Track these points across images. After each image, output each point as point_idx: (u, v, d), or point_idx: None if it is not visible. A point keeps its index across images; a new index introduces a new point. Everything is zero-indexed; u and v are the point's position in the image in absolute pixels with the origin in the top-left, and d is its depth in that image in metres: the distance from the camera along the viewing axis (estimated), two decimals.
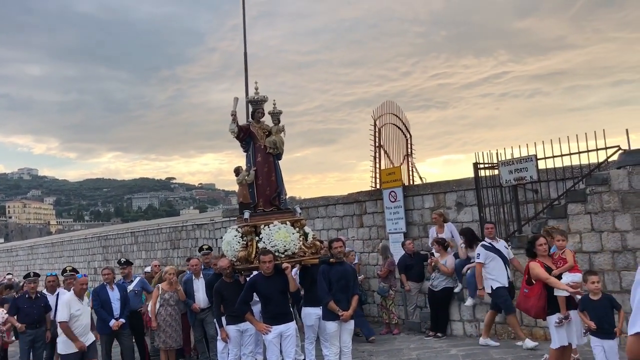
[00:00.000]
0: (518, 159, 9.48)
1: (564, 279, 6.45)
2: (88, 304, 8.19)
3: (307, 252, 7.76)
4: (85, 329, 7.92)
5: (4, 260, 36.96)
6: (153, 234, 22.00)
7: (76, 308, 7.76)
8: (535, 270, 6.47)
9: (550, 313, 6.42)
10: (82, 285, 7.99)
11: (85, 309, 7.97)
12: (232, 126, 8.07)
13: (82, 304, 7.87)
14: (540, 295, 6.43)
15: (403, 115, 13.57)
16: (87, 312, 8.03)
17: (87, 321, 7.98)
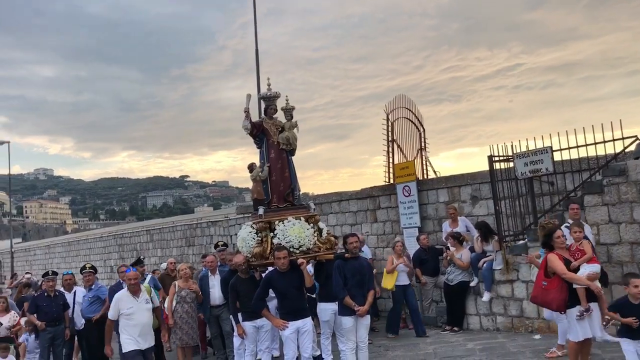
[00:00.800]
0: (533, 151, 9.39)
1: (582, 270, 6.39)
2: (147, 301, 7.28)
3: (321, 248, 7.76)
4: (144, 328, 7.10)
5: (22, 260, 37.44)
6: (168, 232, 22.13)
7: (128, 306, 7.03)
8: (554, 264, 6.38)
9: (571, 305, 6.32)
10: (131, 281, 7.16)
11: (141, 306, 7.14)
12: (245, 123, 8.08)
13: (136, 301, 7.10)
14: (561, 288, 6.33)
15: (416, 109, 13.49)
16: (143, 310, 7.15)
17: (143, 320, 7.11)
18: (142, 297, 7.20)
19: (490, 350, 8.17)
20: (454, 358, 8.06)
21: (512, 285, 9.31)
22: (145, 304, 7.21)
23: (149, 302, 7.29)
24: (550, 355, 7.55)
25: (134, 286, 7.17)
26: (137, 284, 7.23)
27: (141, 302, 7.16)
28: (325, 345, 8.04)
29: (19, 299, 11.54)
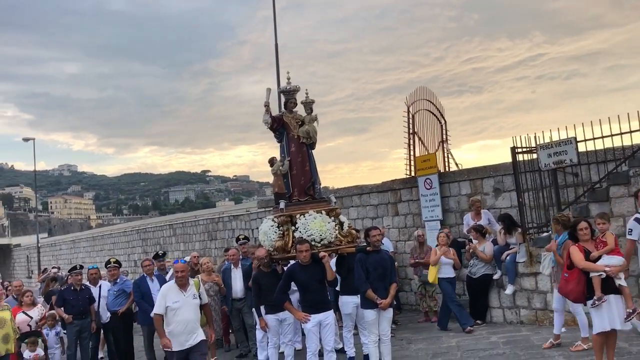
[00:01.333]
0: (557, 142, 9.26)
1: (601, 261, 6.30)
2: (195, 296, 6.74)
3: (343, 241, 7.76)
4: (189, 325, 6.57)
5: (49, 254, 38.13)
6: (190, 226, 22.35)
7: (174, 300, 6.54)
8: (573, 255, 6.38)
9: (589, 297, 6.27)
10: (178, 273, 6.66)
11: (188, 301, 6.61)
12: (266, 117, 8.11)
13: (183, 295, 6.59)
14: (579, 280, 6.34)
15: (437, 101, 13.38)
16: (189, 305, 6.63)
17: (189, 316, 6.58)
18: (190, 292, 6.65)
19: (514, 343, 8.11)
20: (477, 351, 8.02)
21: (535, 277, 9.21)
22: (192, 299, 6.66)
23: (196, 298, 6.73)
24: (576, 348, 7.46)
25: (181, 279, 6.62)
26: (185, 277, 6.69)
27: (188, 296, 6.62)
28: (347, 338, 8.07)
29: (47, 293, 11.77)
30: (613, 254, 6.35)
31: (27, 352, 8.26)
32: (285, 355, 7.79)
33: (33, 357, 8.26)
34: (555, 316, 7.86)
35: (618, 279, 6.20)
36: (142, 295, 9.03)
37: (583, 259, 6.29)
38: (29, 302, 8.95)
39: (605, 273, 6.14)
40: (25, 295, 8.98)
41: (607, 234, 6.56)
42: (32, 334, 8.49)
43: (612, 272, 6.14)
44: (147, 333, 9.15)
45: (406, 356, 8.20)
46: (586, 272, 6.30)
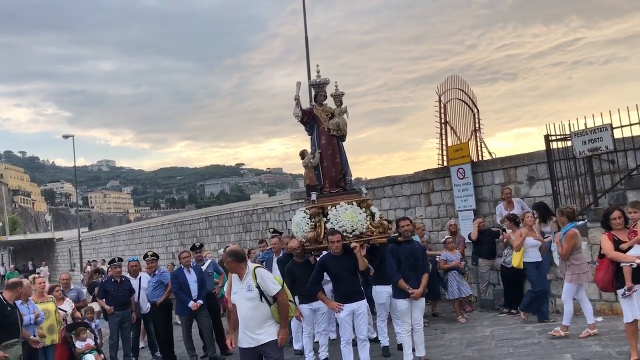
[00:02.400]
0: (592, 129, 9.10)
1: (632, 251, 6.23)
2: (249, 287, 5.51)
3: (374, 232, 7.83)
4: (245, 321, 5.57)
5: (90, 248, 39.20)
6: (226, 219, 22.69)
7: (233, 290, 5.70)
8: (602, 244, 6.40)
9: (619, 287, 6.27)
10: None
11: (242, 293, 5.55)
12: (296, 110, 8.21)
13: (239, 286, 5.63)
14: (607, 269, 6.35)
15: (469, 90, 13.25)
16: (242, 299, 5.56)
17: (242, 311, 5.56)
18: (245, 282, 5.54)
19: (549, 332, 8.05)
20: (512, 340, 8.00)
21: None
22: (246, 291, 5.50)
23: (251, 290, 5.47)
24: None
25: (232, 265, 5.62)
26: (235, 264, 5.58)
27: (243, 287, 5.54)
28: (381, 327, 8.15)
29: (91, 285, 12.18)
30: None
31: (78, 342, 8.43)
32: (320, 344, 7.91)
33: (85, 346, 8.42)
34: (565, 307, 7.87)
35: None
36: (179, 286, 9.25)
37: (612, 248, 6.27)
38: (59, 297, 8.88)
39: (635, 263, 6.08)
40: (55, 290, 8.98)
41: (639, 223, 6.44)
42: (80, 324, 8.69)
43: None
44: (185, 323, 9.38)
45: (440, 345, 8.24)
46: (616, 262, 6.26)
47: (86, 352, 8.37)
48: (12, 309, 6.80)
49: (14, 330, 6.71)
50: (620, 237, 6.35)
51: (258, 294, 5.49)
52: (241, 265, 5.63)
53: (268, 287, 5.52)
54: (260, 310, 5.52)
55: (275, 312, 5.56)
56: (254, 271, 5.58)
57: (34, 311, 7.62)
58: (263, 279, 5.55)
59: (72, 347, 8.39)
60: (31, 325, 7.52)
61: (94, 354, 8.42)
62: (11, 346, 6.60)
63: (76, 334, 8.48)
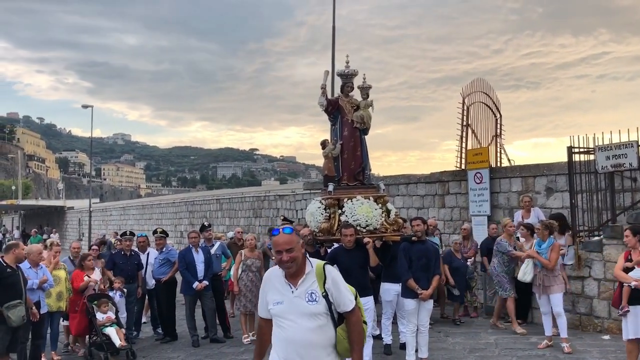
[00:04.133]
0: (617, 145, 8.95)
1: (632, 273, 6.33)
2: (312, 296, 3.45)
3: (388, 229, 7.76)
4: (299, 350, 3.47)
5: (99, 219, 39.47)
6: (237, 202, 22.71)
7: (275, 299, 3.58)
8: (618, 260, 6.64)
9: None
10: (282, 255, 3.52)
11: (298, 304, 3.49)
12: (322, 99, 8.13)
13: (289, 292, 3.50)
14: (618, 286, 6.55)
15: (494, 94, 13.11)
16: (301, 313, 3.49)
17: (299, 334, 3.48)
18: (303, 287, 3.48)
19: (555, 346, 7.96)
20: (516, 350, 7.92)
21: (582, 282, 9.00)
22: (306, 301, 3.44)
23: (315, 301, 3.43)
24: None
25: (287, 264, 3.46)
26: (296, 259, 3.46)
27: (298, 295, 3.48)
28: (385, 325, 8.09)
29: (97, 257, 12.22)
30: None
31: (100, 313, 8.33)
32: None
33: (106, 318, 8.32)
34: (544, 319, 8.12)
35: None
36: (186, 266, 9.27)
37: (619, 267, 6.49)
38: (90, 267, 8.88)
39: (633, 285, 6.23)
40: (87, 259, 8.91)
41: None
42: (103, 296, 8.59)
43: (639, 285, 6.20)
44: (189, 302, 9.40)
45: (443, 349, 8.17)
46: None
47: (107, 325, 8.28)
48: (13, 271, 6.80)
49: (16, 292, 6.72)
50: (633, 257, 6.41)
51: (326, 308, 3.44)
52: None
53: (342, 298, 3.50)
54: (325, 334, 3.47)
55: (343, 339, 3.51)
56: (323, 270, 3.51)
57: (42, 276, 7.63)
58: (337, 284, 3.51)
59: (92, 317, 8.32)
60: (37, 291, 7.54)
61: (114, 327, 8.31)
62: (13, 307, 6.61)
63: (98, 305, 8.38)
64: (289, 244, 3.46)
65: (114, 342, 8.09)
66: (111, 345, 8.10)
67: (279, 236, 3.50)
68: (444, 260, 9.67)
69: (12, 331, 6.66)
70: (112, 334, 8.18)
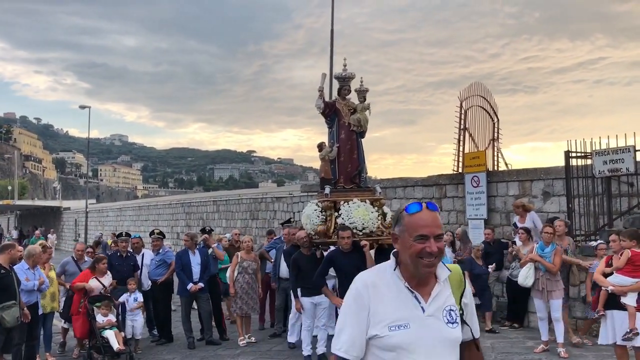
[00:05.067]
0: (614, 150, 8.97)
1: (611, 278, 6.42)
2: (452, 316, 2.26)
3: (385, 232, 7.75)
4: None
5: (95, 220, 39.38)
6: (234, 204, 22.68)
7: (396, 318, 2.25)
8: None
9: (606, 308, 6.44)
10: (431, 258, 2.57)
11: (435, 327, 2.24)
12: (319, 102, 8.13)
13: (418, 309, 2.33)
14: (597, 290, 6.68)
15: (491, 98, 13.12)
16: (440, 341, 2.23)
17: None
18: (437, 302, 2.27)
19: (550, 350, 7.95)
20: (512, 354, 7.91)
21: (579, 286, 8.99)
22: (445, 322, 2.26)
23: (455, 322, 2.28)
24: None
25: (433, 261, 2.23)
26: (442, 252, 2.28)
27: (433, 314, 2.25)
28: None
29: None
30: (622, 273, 6.32)
31: (100, 316, 8.15)
32: (319, 339, 7.86)
33: (106, 321, 8.13)
34: (540, 323, 8.12)
35: (624, 296, 6.22)
36: (182, 267, 9.25)
37: (599, 270, 6.62)
38: (103, 270, 8.66)
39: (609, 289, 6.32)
40: (102, 262, 8.69)
41: (625, 252, 6.43)
42: (105, 298, 8.38)
43: (616, 291, 6.27)
44: (185, 304, 9.36)
45: None
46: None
47: (106, 328, 8.09)
48: (7, 272, 6.77)
49: (10, 293, 6.69)
50: (614, 262, 6.51)
51: (459, 333, 2.31)
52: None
53: (474, 318, 2.47)
54: None
55: None
56: (463, 276, 2.44)
57: (39, 277, 7.59)
58: (471, 297, 2.46)
59: (92, 320, 8.15)
60: (35, 292, 7.51)
61: (114, 330, 8.10)
62: (8, 308, 6.58)
63: (99, 308, 8.21)
64: (438, 226, 2.25)
65: (112, 345, 7.94)
66: (109, 349, 7.96)
67: (423, 213, 2.25)
68: (465, 267, 9.32)
69: (6, 332, 6.63)
70: (110, 337, 8.00)
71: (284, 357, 8.32)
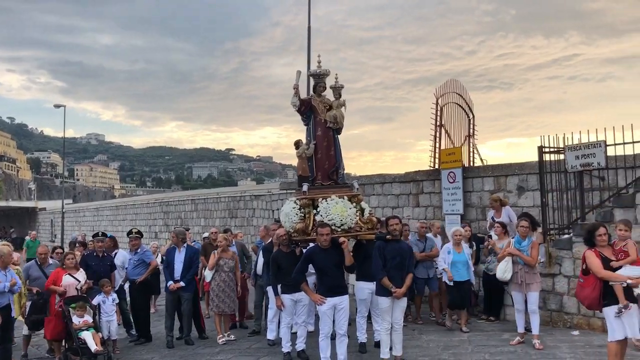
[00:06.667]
0: (586, 145, 9.15)
1: (623, 271, 6.12)
2: None
3: (363, 228, 7.81)
4: None
5: (72, 220, 38.90)
6: (212, 203, 22.60)
7: None
8: (590, 261, 6.22)
9: (607, 304, 6.11)
10: None
11: None
12: (294, 99, 8.15)
13: None
14: (595, 286, 6.18)
15: (467, 95, 13.29)
16: None
17: None
18: None
19: (526, 342, 8.10)
20: (488, 347, 8.03)
21: (553, 279, 9.17)
22: None
23: None
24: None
25: None
26: None
27: None
28: (360, 324, 8.14)
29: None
30: (635, 265, 6.15)
31: (76, 317, 8.01)
32: (298, 335, 7.90)
33: (82, 322, 8.01)
34: (517, 316, 8.22)
35: (636, 288, 6.07)
36: (167, 264, 9.30)
37: (601, 267, 6.13)
38: (71, 265, 8.51)
39: (626, 283, 5.99)
40: (67, 258, 8.55)
41: (629, 243, 6.30)
42: (80, 299, 8.25)
43: (634, 284, 6.01)
44: (169, 301, 9.36)
45: (417, 346, 8.26)
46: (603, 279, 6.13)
47: (83, 329, 7.96)
48: None
49: None
50: (606, 254, 6.23)
51: None
52: None
53: None
54: None
55: None
56: None
57: (11, 279, 7.49)
58: None
59: (68, 321, 8.03)
60: (6, 294, 7.40)
61: (91, 331, 7.97)
62: None
63: (75, 309, 8.08)
64: None
65: (90, 346, 7.82)
66: (87, 350, 7.84)
67: None
68: None
69: None
70: (88, 338, 7.88)
71: (263, 354, 8.35)
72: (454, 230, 9.31)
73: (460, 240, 9.16)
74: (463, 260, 9.05)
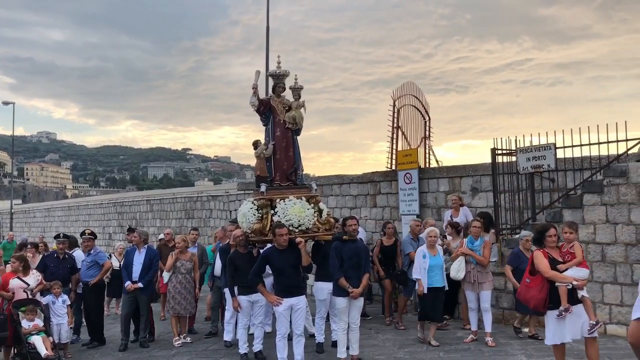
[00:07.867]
0: (536, 147, 9.44)
1: (568, 273, 6.19)
2: None
3: (320, 228, 7.86)
4: None
5: (22, 221, 37.65)
6: (168, 203, 22.26)
7: None
8: (538, 261, 6.21)
9: (552, 308, 6.10)
10: None
11: None
12: (253, 99, 8.13)
13: None
14: (542, 287, 6.12)
15: (423, 97, 13.52)
16: None
17: None
18: None
19: (479, 340, 8.29)
20: (443, 345, 8.18)
21: (505, 278, 9.40)
22: None
23: None
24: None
25: None
26: None
27: None
28: (319, 324, 8.18)
29: None
30: (580, 267, 6.26)
31: (25, 321, 7.73)
32: (255, 336, 7.88)
33: (32, 326, 7.76)
34: (471, 314, 8.45)
35: (581, 290, 6.18)
36: (126, 265, 9.15)
37: (549, 268, 6.13)
38: (18, 268, 8.30)
39: (572, 285, 6.05)
40: (13, 262, 8.37)
41: (575, 245, 6.40)
42: (30, 302, 7.99)
43: (580, 285, 6.10)
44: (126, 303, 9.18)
45: (373, 345, 8.35)
46: (550, 281, 6.13)
47: (33, 333, 7.71)
48: None
49: None
50: (554, 256, 6.28)
51: None
52: None
53: None
54: None
55: None
56: None
57: None
58: None
59: (17, 326, 7.73)
60: None
61: (41, 335, 7.72)
62: None
63: (25, 312, 7.80)
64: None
65: (40, 351, 7.57)
66: (37, 355, 7.58)
67: None
68: (511, 262, 8.29)
69: None
70: (37, 342, 7.63)
71: (220, 356, 8.29)
72: (429, 231, 8.47)
73: (434, 242, 8.38)
74: (439, 264, 8.27)
